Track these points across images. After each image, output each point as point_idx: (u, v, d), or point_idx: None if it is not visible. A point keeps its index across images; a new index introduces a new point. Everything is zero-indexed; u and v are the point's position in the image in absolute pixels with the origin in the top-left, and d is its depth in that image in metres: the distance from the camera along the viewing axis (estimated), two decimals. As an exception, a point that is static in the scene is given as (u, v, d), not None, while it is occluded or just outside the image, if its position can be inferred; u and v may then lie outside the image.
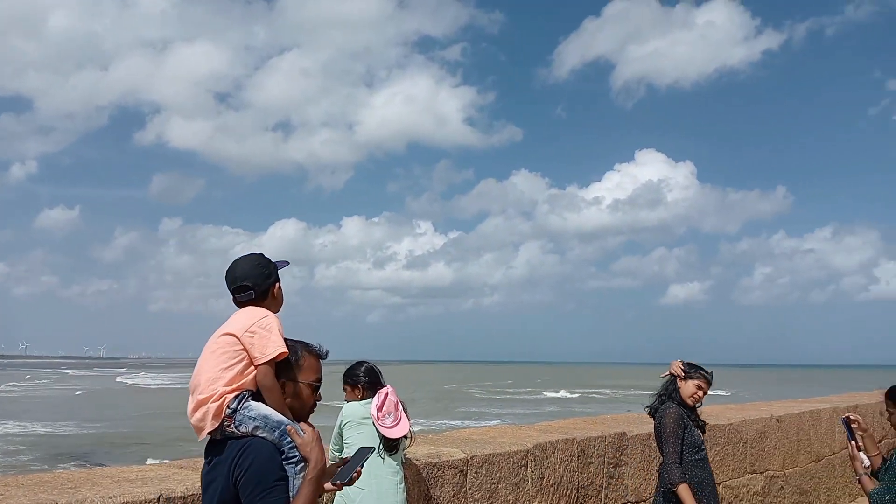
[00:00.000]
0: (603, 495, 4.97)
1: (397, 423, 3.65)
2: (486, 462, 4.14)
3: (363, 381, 3.87)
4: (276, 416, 2.19)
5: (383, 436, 3.62)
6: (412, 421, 3.82)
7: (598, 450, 4.99)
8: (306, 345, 2.35)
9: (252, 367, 2.26)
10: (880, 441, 9.67)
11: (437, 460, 4.02)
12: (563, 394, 58.87)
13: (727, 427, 6.45)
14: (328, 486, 2.36)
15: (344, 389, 3.94)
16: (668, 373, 4.39)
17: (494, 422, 29.12)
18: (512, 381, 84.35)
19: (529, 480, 4.39)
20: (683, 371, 4.29)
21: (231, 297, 2.43)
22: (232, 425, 2.18)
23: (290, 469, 2.15)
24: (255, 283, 2.38)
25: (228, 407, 2.19)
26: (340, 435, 3.77)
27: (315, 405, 2.35)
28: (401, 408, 3.74)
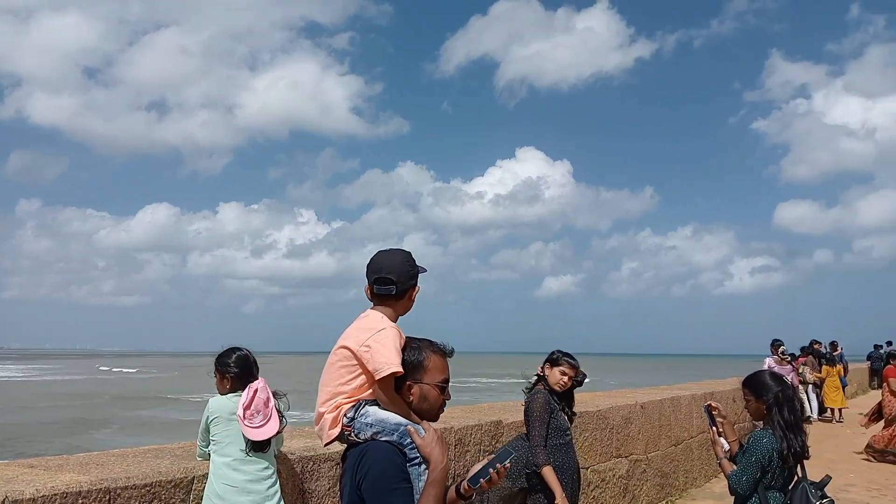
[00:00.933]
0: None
1: (266, 422, 3.47)
2: (363, 453, 4.08)
3: (233, 371, 3.64)
4: (395, 418, 2.17)
5: (248, 438, 3.43)
6: (288, 413, 3.69)
7: (474, 438, 5.05)
8: (431, 343, 2.29)
9: (361, 380, 2.25)
10: (734, 426, 10.43)
11: (312, 454, 3.92)
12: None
13: (595, 413, 6.72)
14: (465, 485, 2.22)
15: (214, 376, 3.73)
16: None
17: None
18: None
19: (407, 470, 4.38)
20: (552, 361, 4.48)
21: (368, 286, 2.37)
22: (352, 434, 2.20)
23: (413, 471, 2.13)
24: (398, 279, 2.32)
25: (346, 416, 2.22)
26: (207, 430, 3.55)
27: (444, 405, 2.31)
28: (272, 404, 3.56)
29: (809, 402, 15.43)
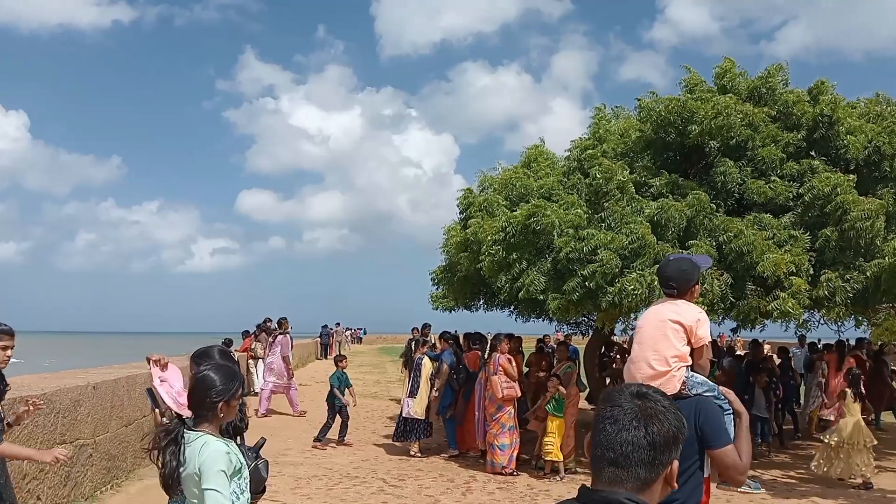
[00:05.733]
0: None
1: None
2: None
3: None
4: (710, 381, 3.15)
5: None
6: None
7: None
8: None
9: (688, 348, 3.16)
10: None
11: None
12: None
13: (40, 397, 6.09)
14: None
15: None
16: None
17: None
18: None
19: None
20: None
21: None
22: (685, 389, 3.06)
23: (727, 418, 3.01)
24: (678, 285, 3.25)
25: (685, 376, 3.10)
26: None
27: None
28: None
29: (258, 375, 16.69)
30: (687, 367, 3.13)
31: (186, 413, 3.01)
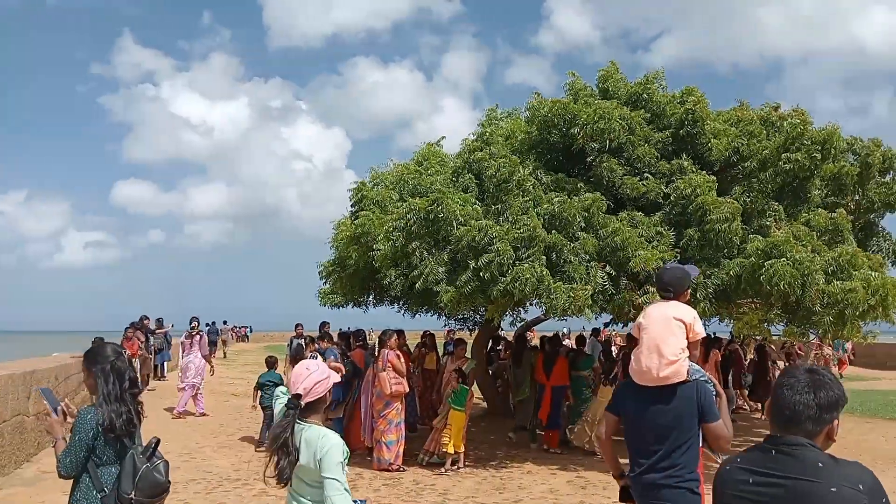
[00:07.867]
0: None
1: None
2: None
3: None
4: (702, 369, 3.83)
5: None
6: None
7: None
8: None
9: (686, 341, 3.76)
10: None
11: None
12: None
13: None
14: None
15: None
16: None
17: None
18: None
19: None
20: None
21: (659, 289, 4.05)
22: (688, 375, 3.64)
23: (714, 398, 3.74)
24: (674, 289, 3.91)
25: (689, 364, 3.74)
26: None
27: None
28: None
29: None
30: (687, 357, 3.72)
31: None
